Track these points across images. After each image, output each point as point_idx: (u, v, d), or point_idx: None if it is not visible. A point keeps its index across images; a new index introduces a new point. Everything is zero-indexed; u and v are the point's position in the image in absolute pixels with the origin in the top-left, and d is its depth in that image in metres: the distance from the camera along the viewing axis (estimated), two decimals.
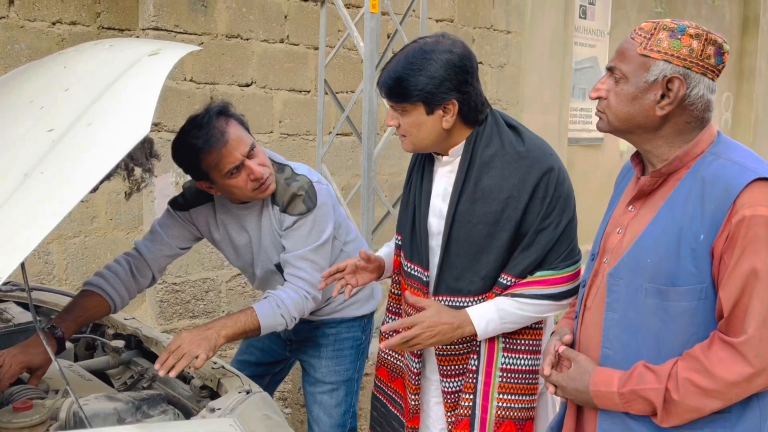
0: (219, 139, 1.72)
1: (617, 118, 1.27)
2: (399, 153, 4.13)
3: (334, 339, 2.09)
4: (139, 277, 1.91)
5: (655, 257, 1.23)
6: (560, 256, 1.54)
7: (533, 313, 1.56)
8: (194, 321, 3.41)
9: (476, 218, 1.53)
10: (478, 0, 4.44)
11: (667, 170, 1.27)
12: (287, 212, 1.82)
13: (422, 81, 1.48)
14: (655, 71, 1.21)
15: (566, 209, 1.54)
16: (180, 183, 3.26)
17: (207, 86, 3.32)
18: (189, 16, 3.21)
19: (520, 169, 1.53)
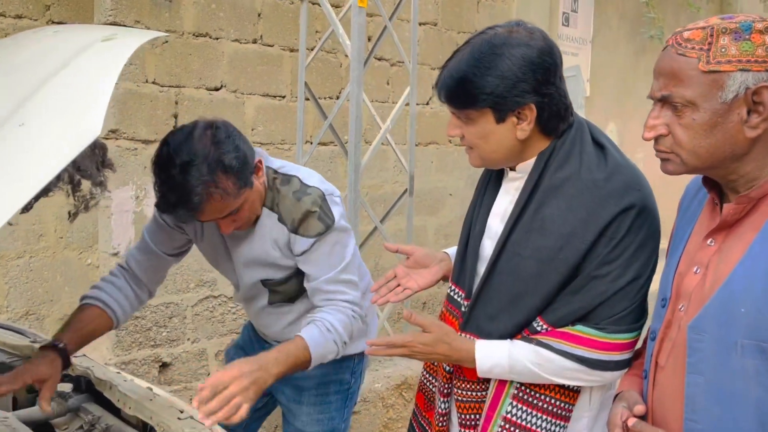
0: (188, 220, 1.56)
1: (697, 157, 1.02)
2: (380, 164, 3.86)
3: (317, 382, 1.81)
4: (137, 288, 1.75)
5: (753, 305, 0.97)
6: (612, 316, 1.24)
7: (553, 376, 1.28)
8: (155, 351, 3.06)
9: (527, 251, 1.27)
10: (462, 4, 4.22)
11: (757, 194, 1.02)
12: (300, 234, 1.58)
13: (491, 82, 1.21)
14: (733, 86, 0.97)
15: (636, 260, 1.24)
16: (141, 197, 2.93)
17: (171, 89, 2.99)
18: (151, 12, 2.89)
19: (592, 200, 1.24)
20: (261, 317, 1.82)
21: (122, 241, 2.91)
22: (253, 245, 1.65)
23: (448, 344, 1.30)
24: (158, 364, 3.09)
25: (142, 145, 2.93)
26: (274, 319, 1.79)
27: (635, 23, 5.58)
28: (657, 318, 1.14)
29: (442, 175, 4.26)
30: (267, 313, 1.79)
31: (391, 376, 2.76)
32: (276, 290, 1.72)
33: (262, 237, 1.63)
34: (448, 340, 1.31)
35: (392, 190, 3.91)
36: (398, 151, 2.94)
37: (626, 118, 5.76)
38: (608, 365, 1.26)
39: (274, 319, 1.79)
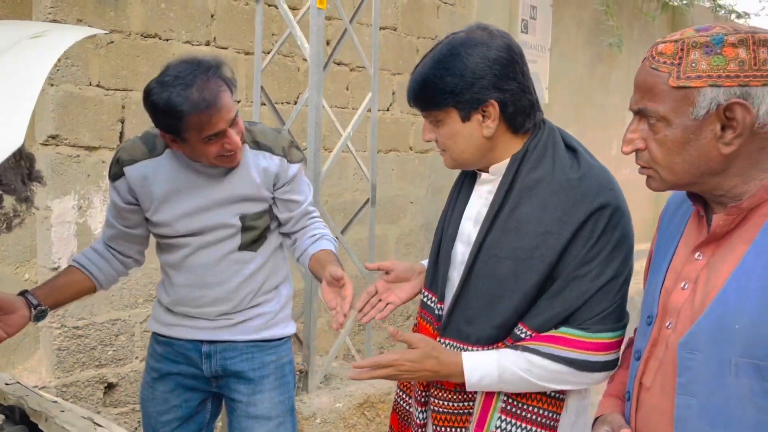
0: (211, 104, 1.57)
1: (673, 173, 0.99)
2: (340, 171, 3.74)
3: (275, 367, 1.83)
4: (120, 256, 1.85)
5: (747, 321, 0.92)
6: (595, 316, 1.23)
7: (542, 381, 1.26)
8: (101, 371, 2.87)
9: (504, 252, 1.26)
10: (422, 9, 4.15)
11: (749, 205, 0.97)
12: (289, 160, 1.78)
13: (450, 81, 1.25)
14: (704, 102, 0.94)
15: (614, 259, 1.24)
16: (84, 207, 2.74)
17: (118, 93, 2.82)
18: (95, 10, 2.71)
19: (566, 200, 1.24)
20: (215, 272, 1.77)
21: (63, 255, 2.72)
22: (236, 181, 1.74)
23: (436, 358, 1.27)
24: (103, 385, 2.90)
25: (85, 152, 2.74)
26: (234, 272, 1.77)
27: (592, 32, 5.62)
28: (642, 336, 1.09)
29: (403, 183, 4.17)
30: (228, 263, 1.76)
31: (353, 394, 2.65)
32: (251, 226, 1.76)
33: (247, 171, 1.74)
34: (435, 354, 1.28)
35: (352, 198, 3.80)
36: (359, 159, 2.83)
37: (584, 125, 5.80)
38: (595, 365, 1.25)
39: (233, 272, 1.77)
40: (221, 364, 1.81)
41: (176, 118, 1.56)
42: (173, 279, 1.80)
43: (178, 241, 1.77)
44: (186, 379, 1.84)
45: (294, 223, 1.85)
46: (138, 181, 1.72)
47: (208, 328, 1.80)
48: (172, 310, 1.83)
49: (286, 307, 1.89)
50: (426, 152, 4.26)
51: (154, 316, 1.90)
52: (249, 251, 1.78)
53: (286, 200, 1.81)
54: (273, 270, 1.84)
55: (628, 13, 6.06)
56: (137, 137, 1.78)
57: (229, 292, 1.78)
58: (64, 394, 2.79)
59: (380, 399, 2.67)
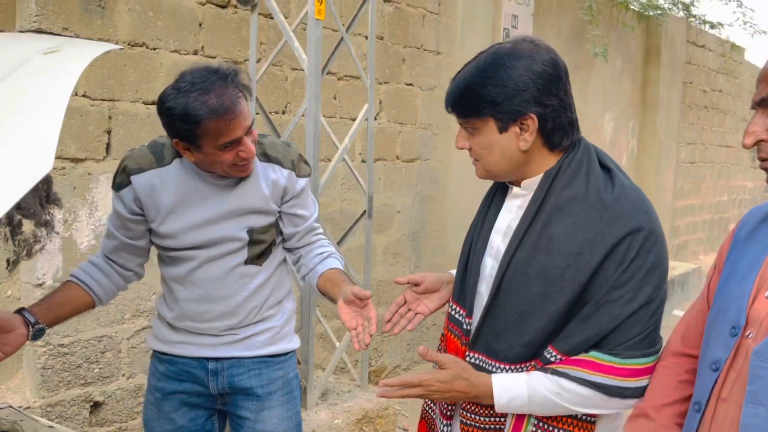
0: (230, 110, 1.55)
1: None
2: (331, 181, 3.71)
3: (283, 382, 1.81)
4: (120, 269, 1.80)
5: None
6: (627, 341, 1.21)
7: (572, 405, 1.24)
8: (86, 389, 2.78)
9: (534, 270, 1.24)
10: (408, 18, 4.15)
11: None
12: (297, 174, 1.78)
13: (492, 91, 1.24)
14: None
15: (647, 284, 1.21)
16: (70, 221, 2.66)
17: (104, 103, 2.74)
18: (81, 18, 2.64)
19: (599, 221, 1.22)
20: (221, 286, 1.74)
21: (48, 270, 2.63)
22: (245, 193, 1.72)
23: (466, 380, 1.26)
24: (89, 404, 2.81)
25: (71, 164, 2.66)
26: (240, 286, 1.75)
27: (572, 40, 5.69)
28: (722, 347, 1.06)
29: (390, 193, 4.15)
30: (234, 277, 1.74)
31: (351, 410, 2.61)
32: (258, 240, 1.74)
33: (256, 183, 1.73)
34: (465, 376, 1.27)
35: (341, 208, 3.76)
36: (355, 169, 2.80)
37: None
38: (627, 392, 1.23)
39: (239, 286, 1.74)
40: (228, 381, 1.77)
41: (193, 124, 1.53)
42: (177, 294, 1.76)
43: (184, 254, 1.73)
44: (191, 397, 1.80)
45: (299, 239, 1.83)
46: (145, 190, 1.68)
47: (213, 344, 1.77)
48: (176, 326, 1.79)
49: (290, 322, 1.87)
50: (413, 161, 4.25)
51: (156, 334, 1.84)
52: (255, 265, 1.76)
53: (291, 214, 1.79)
54: (278, 284, 1.82)
55: (605, 23, 6.16)
56: (144, 146, 1.74)
57: (236, 306, 1.75)
58: (50, 414, 2.69)
59: (378, 414, 2.64)
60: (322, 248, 1.83)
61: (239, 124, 1.57)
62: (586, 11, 5.06)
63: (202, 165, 1.66)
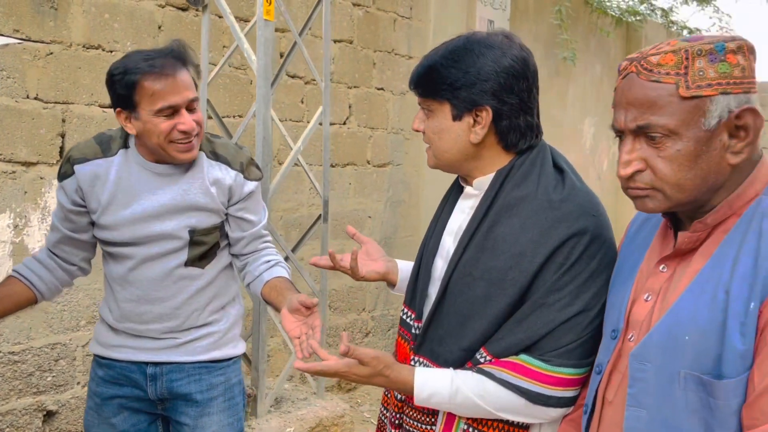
0: (167, 71, 1.58)
1: (682, 190, 0.94)
2: (295, 186, 3.66)
3: (224, 388, 1.77)
4: (64, 264, 1.78)
5: (696, 334, 0.91)
6: (558, 348, 1.16)
7: (494, 408, 1.19)
8: (39, 398, 2.72)
9: (479, 272, 1.21)
10: (378, 22, 4.13)
11: (713, 221, 0.96)
12: (246, 177, 1.74)
13: (454, 74, 1.21)
14: (716, 111, 0.91)
15: (587, 291, 1.16)
16: (21, 226, 2.60)
17: (58, 106, 2.70)
18: (33, 20, 2.59)
19: (544, 221, 1.18)
20: (160, 288, 1.72)
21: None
22: (189, 187, 1.70)
23: (386, 377, 1.23)
24: (42, 413, 2.75)
25: (22, 168, 2.61)
26: (179, 288, 1.72)
27: (549, 46, 5.68)
28: (605, 350, 1.07)
29: (361, 198, 4.11)
30: (174, 279, 1.72)
31: (305, 418, 2.56)
32: (199, 241, 1.71)
33: (201, 179, 1.70)
34: (386, 373, 1.23)
35: (309, 213, 3.72)
36: (312, 174, 2.76)
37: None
38: (550, 401, 1.17)
39: (178, 288, 1.72)
40: (167, 386, 1.74)
41: (131, 81, 1.57)
42: (117, 294, 1.75)
43: (123, 251, 1.72)
44: (131, 401, 1.78)
45: (245, 245, 1.79)
46: (88, 180, 1.67)
47: (153, 348, 1.74)
48: (116, 328, 1.77)
49: (235, 327, 1.84)
50: (384, 166, 4.21)
51: (96, 338, 1.83)
52: (196, 268, 1.74)
53: (239, 218, 1.76)
54: (221, 289, 1.79)
55: (583, 28, 6.15)
56: (91, 137, 1.75)
57: (174, 308, 1.73)
58: (0, 423, 2.63)
59: (333, 422, 2.59)
60: (269, 256, 1.80)
61: (177, 89, 1.58)
62: (556, 15, 5.06)
63: (142, 140, 1.64)
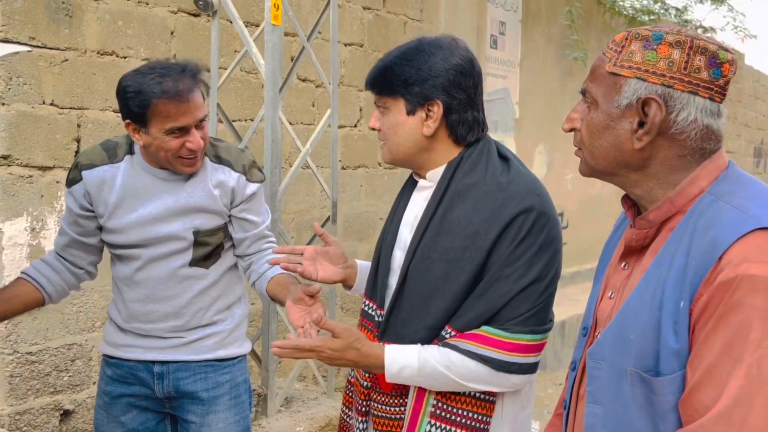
0: (182, 94, 1.61)
1: (593, 156, 1.01)
2: (306, 188, 3.70)
3: (230, 386, 1.80)
4: (72, 267, 1.83)
5: (639, 332, 0.93)
6: (516, 317, 1.27)
7: (461, 379, 1.28)
8: (56, 398, 2.78)
9: (436, 254, 1.31)
10: (389, 25, 4.15)
11: (656, 217, 0.98)
12: (248, 179, 1.77)
13: (407, 71, 1.33)
14: (627, 92, 0.96)
15: (538, 262, 1.28)
16: (37, 229, 2.67)
17: (73, 111, 2.76)
18: (49, 27, 2.66)
19: (494, 201, 1.30)
20: (165, 287, 1.76)
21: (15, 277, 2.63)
22: (193, 191, 1.74)
23: (357, 350, 1.31)
24: (59, 412, 2.80)
25: (39, 172, 2.67)
26: (184, 287, 1.76)
27: (561, 47, 5.67)
28: (578, 347, 1.10)
29: (372, 200, 4.14)
30: (178, 278, 1.75)
31: (315, 417, 2.58)
32: (203, 242, 1.75)
33: (204, 182, 1.74)
34: (357, 346, 1.31)
35: (320, 215, 3.76)
36: (321, 176, 2.79)
37: (555, 140, 5.83)
38: (512, 367, 1.27)
39: (183, 288, 1.76)
40: (174, 384, 1.78)
41: (145, 102, 1.60)
42: (124, 294, 1.80)
43: (130, 253, 1.77)
44: (139, 400, 1.82)
45: (249, 245, 1.82)
46: (95, 185, 1.73)
47: (159, 347, 1.78)
48: (124, 328, 1.82)
49: (240, 327, 1.87)
50: (395, 168, 4.24)
51: (105, 338, 1.88)
52: (200, 268, 1.77)
53: (241, 219, 1.80)
54: (226, 289, 1.82)
55: (596, 28, 6.13)
56: (98, 144, 1.80)
57: (180, 307, 1.77)
58: (18, 422, 2.69)
59: None
60: (272, 256, 1.82)
61: (189, 112, 1.61)
62: (566, 16, 5.05)
63: (149, 150, 1.68)
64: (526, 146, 5.50)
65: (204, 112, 1.68)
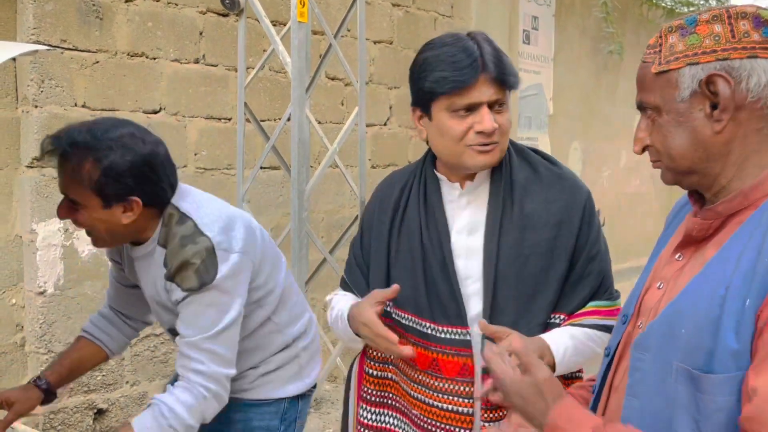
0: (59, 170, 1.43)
1: (672, 159, 0.96)
2: (336, 188, 3.67)
3: (242, 428, 1.64)
4: (125, 318, 1.76)
5: (692, 326, 0.88)
6: (608, 287, 1.38)
7: (597, 346, 1.33)
8: (89, 396, 2.81)
9: (527, 249, 1.31)
10: (419, 21, 4.10)
11: (725, 209, 0.93)
12: (176, 283, 1.42)
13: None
14: (685, 82, 0.92)
15: (601, 236, 1.40)
16: (71, 230, 2.69)
17: (104, 113, 2.78)
18: (80, 30, 2.68)
19: (564, 190, 1.36)
20: None
21: (49, 279, 2.67)
22: (149, 278, 1.53)
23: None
24: (93, 411, 2.83)
25: None
26: None
27: (596, 40, 5.53)
28: (615, 335, 1.06)
29: None
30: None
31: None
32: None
33: (156, 270, 1.49)
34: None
35: (350, 215, 3.73)
36: (350, 176, 2.76)
37: (590, 136, 5.69)
38: None
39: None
40: None
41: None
42: None
43: None
44: None
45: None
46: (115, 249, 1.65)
47: None
48: None
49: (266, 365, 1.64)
50: None
51: None
52: None
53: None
54: (254, 350, 1.61)
55: (633, 21, 5.97)
56: None
57: None
58: (53, 421, 2.72)
59: None
60: (168, 390, 1.47)
61: (60, 180, 1.42)
62: (601, 8, 4.92)
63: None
64: (560, 143, 5.38)
65: (74, 188, 1.39)
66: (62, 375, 1.69)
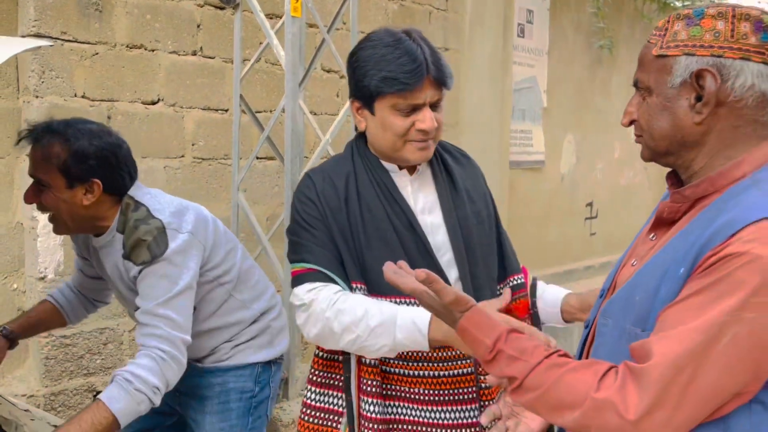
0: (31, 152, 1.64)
1: (653, 138, 1.03)
2: None
3: (220, 390, 1.81)
4: (84, 297, 1.99)
5: (645, 294, 0.97)
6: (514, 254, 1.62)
7: None
8: (89, 379, 2.89)
9: (476, 219, 1.50)
10: (414, 15, 4.15)
11: (692, 194, 1.00)
12: (131, 260, 1.60)
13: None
14: (679, 70, 0.97)
15: None
16: None
17: (103, 104, 2.85)
18: (80, 22, 2.74)
19: (473, 168, 1.58)
20: None
21: (50, 265, 2.74)
22: (111, 262, 1.71)
23: None
24: (92, 393, 2.91)
25: None
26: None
27: (590, 34, 5.58)
28: (594, 308, 1.14)
29: None
30: None
31: None
32: None
33: (117, 254, 1.68)
34: None
35: None
36: None
37: (584, 129, 5.76)
38: None
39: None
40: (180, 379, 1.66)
41: None
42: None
43: None
44: None
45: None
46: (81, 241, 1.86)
47: None
48: None
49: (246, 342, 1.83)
50: None
51: None
52: None
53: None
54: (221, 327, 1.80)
55: (629, 15, 6.02)
56: None
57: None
58: (53, 402, 2.81)
59: None
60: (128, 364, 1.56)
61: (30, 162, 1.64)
62: (592, 3, 4.97)
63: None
64: (554, 136, 5.44)
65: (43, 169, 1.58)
66: (24, 328, 1.91)
